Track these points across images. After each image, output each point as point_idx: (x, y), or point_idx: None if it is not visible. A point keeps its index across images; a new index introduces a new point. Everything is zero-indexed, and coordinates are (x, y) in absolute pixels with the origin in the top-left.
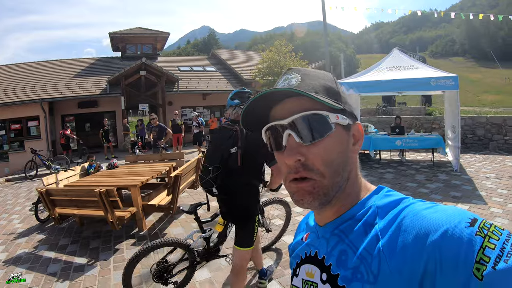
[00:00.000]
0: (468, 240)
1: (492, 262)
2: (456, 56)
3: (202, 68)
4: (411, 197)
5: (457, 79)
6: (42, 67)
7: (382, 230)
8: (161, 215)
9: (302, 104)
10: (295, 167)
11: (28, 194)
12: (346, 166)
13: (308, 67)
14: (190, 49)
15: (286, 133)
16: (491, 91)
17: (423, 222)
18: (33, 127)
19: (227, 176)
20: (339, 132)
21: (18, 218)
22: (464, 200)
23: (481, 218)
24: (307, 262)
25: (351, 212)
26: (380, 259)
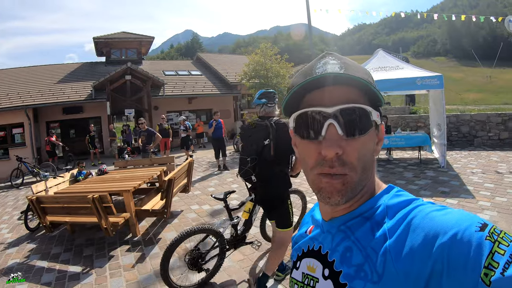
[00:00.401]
0: (477, 244)
1: (501, 268)
2: (438, 56)
3: (187, 72)
4: (421, 199)
5: (441, 78)
6: (26, 73)
7: (390, 230)
8: (154, 220)
9: (347, 94)
10: (331, 161)
11: (16, 203)
12: (372, 165)
13: (293, 70)
14: (173, 53)
15: (328, 123)
16: (473, 89)
17: (433, 224)
18: (18, 134)
19: (262, 166)
20: (373, 130)
21: (6, 228)
22: (453, 195)
23: (491, 223)
24: (309, 256)
25: (360, 209)
26: (386, 259)
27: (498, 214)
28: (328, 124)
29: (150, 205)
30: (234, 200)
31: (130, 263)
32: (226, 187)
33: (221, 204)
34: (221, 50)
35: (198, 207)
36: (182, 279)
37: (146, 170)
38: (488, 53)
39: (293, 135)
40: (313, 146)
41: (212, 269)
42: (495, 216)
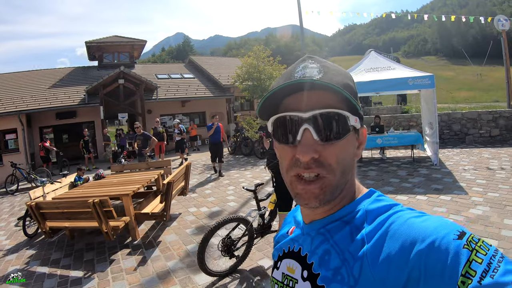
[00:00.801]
0: (455, 252)
1: (478, 277)
2: (429, 55)
3: (180, 75)
4: (401, 204)
5: (433, 78)
6: (18, 78)
7: (368, 235)
8: (152, 223)
9: (324, 99)
10: (307, 163)
11: (11, 209)
12: (351, 169)
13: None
14: (165, 57)
15: (303, 128)
16: (464, 87)
17: (411, 231)
18: (11, 140)
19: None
20: (352, 134)
21: (4, 235)
22: (446, 192)
23: (470, 232)
24: (289, 257)
25: (340, 213)
26: (363, 264)
27: (491, 209)
28: (304, 129)
29: (149, 209)
30: (232, 202)
31: (132, 266)
32: (223, 189)
33: (219, 206)
34: (213, 53)
35: (196, 210)
36: (214, 266)
37: (143, 174)
38: (478, 51)
39: (273, 137)
40: (290, 150)
41: (241, 255)
42: (488, 211)
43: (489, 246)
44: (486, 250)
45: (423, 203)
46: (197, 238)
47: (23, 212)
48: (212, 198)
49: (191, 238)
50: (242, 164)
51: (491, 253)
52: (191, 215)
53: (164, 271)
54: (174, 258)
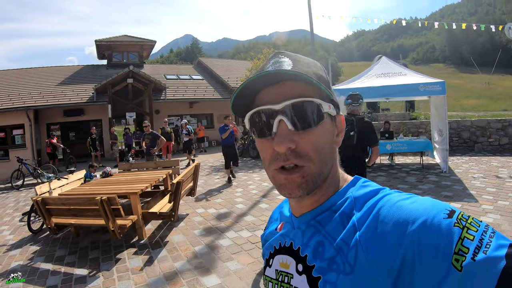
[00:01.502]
0: (446, 231)
1: (471, 253)
2: (437, 62)
3: (188, 76)
4: (387, 188)
5: (444, 85)
6: (27, 74)
7: (359, 221)
8: (159, 223)
9: (295, 89)
10: (285, 155)
11: (16, 205)
12: (332, 157)
13: None
14: (173, 58)
15: (278, 119)
16: (472, 96)
17: (401, 213)
18: (18, 136)
19: (346, 151)
20: (328, 121)
21: (8, 230)
22: (456, 199)
23: (459, 210)
24: (281, 252)
25: (328, 203)
26: (357, 250)
27: (502, 217)
28: (278, 120)
29: (157, 208)
30: (240, 204)
31: (138, 266)
32: (231, 191)
33: (227, 208)
34: (221, 55)
35: (203, 211)
36: None
37: (151, 173)
38: (486, 59)
39: (252, 134)
40: (268, 144)
41: None
42: (499, 219)
43: (479, 222)
44: (477, 226)
45: None
46: (205, 239)
47: (28, 208)
48: (220, 200)
49: (199, 239)
50: (250, 167)
51: (482, 229)
52: (199, 216)
53: (171, 272)
54: (182, 259)
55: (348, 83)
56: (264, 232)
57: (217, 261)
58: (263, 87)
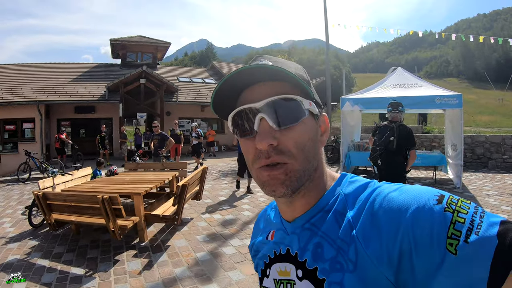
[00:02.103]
0: (438, 217)
1: (464, 236)
2: (451, 77)
3: (201, 79)
4: (375, 180)
5: (461, 98)
6: (41, 69)
7: (354, 217)
8: (162, 226)
9: (275, 88)
10: (267, 152)
11: (20, 197)
12: (316, 155)
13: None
14: (187, 61)
15: (259, 117)
16: (485, 111)
17: (392, 205)
18: (28, 129)
19: (387, 155)
20: (310, 119)
21: (9, 222)
22: None
23: (448, 193)
24: (278, 261)
25: (319, 204)
26: (357, 246)
27: None
28: (260, 118)
29: (161, 211)
30: (247, 211)
31: (137, 269)
32: (238, 196)
33: (233, 214)
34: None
35: (208, 216)
36: None
37: (157, 174)
38: (500, 75)
39: (235, 135)
40: (251, 143)
41: None
42: None
43: (468, 204)
44: (466, 208)
45: None
46: (208, 245)
47: (31, 201)
48: (227, 206)
49: (201, 246)
50: None
51: (471, 211)
52: (203, 221)
53: (170, 278)
54: (182, 265)
55: (363, 93)
56: (252, 243)
57: (219, 270)
58: (244, 87)
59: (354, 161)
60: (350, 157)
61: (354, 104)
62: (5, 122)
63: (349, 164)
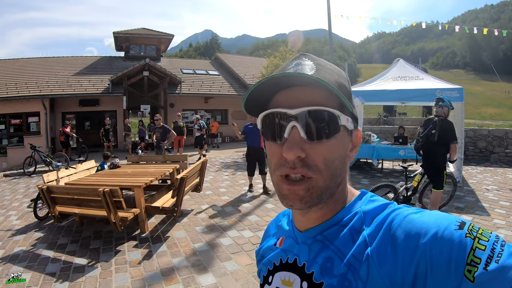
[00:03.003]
0: (458, 242)
1: (484, 263)
2: (457, 68)
3: (205, 71)
4: (395, 202)
5: (462, 91)
6: (45, 63)
7: (370, 236)
8: (163, 217)
9: (314, 96)
10: (293, 163)
11: (26, 191)
12: (342, 172)
13: None
14: (192, 52)
15: (291, 125)
16: (491, 104)
17: (412, 226)
18: (33, 123)
19: (428, 146)
20: (343, 135)
21: (15, 215)
22: (468, 211)
23: (469, 221)
24: (283, 269)
25: (336, 218)
26: (369, 265)
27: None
28: (291, 126)
29: (161, 202)
30: (247, 203)
31: (137, 259)
32: (238, 189)
33: (232, 205)
34: (240, 52)
35: (208, 207)
36: None
37: (159, 166)
38: (507, 68)
39: (263, 135)
40: (277, 148)
41: None
42: (510, 236)
43: (489, 233)
44: (488, 237)
45: None
46: (207, 236)
47: (36, 194)
48: (226, 197)
49: (200, 236)
50: None
51: (493, 239)
52: (203, 212)
53: (168, 268)
54: (180, 255)
55: (364, 85)
56: (259, 247)
57: (215, 260)
58: (281, 89)
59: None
60: None
61: (354, 96)
62: (10, 117)
63: None
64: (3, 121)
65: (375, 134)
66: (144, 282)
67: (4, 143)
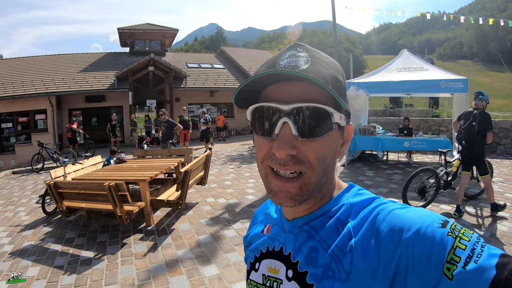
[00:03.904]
0: (440, 240)
1: (463, 262)
2: (464, 59)
3: (210, 65)
4: (382, 197)
5: (466, 82)
6: (50, 61)
7: (355, 228)
8: (168, 210)
9: (308, 92)
10: (283, 160)
11: (35, 187)
12: (333, 167)
13: None
14: (197, 46)
15: (282, 121)
16: (499, 95)
17: (396, 221)
18: (40, 120)
19: (469, 137)
20: (336, 132)
21: (24, 211)
22: (472, 203)
23: (452, 220)
24: (270, 257)
25: (323, 209)
26: (353, 257)
27: None
28: (282, 122)
29: (166, 196)
30: (251, 195)
31: (142, 251)
32: (243, 181)
33: (237, 198)
34: (245, 45)
35: (213, 200)
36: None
37: (164, 160)
38: None
39: (251, 128)
40: (266, 142)
41: (429, 199)
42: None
43: (471, 234)
44: (469, 237)
45: (448, 212)
46: (211, 229)
47: (44, 190)
48: (231, 190)
49: (204, 229)
50: None
51: (474, 240)
52: (208, 205)
53: (172, 259)
54: (185, 247)
55: (368, 77)
56: (247, 234)
57: (218, 252)
58: (273, 81)
59: (359, 145)
60: (355, 141)
61: (358, 88)
62: (18, 115)
63: (354, 148)
64: (11, 119)
65: (380, 126)
66: (149, 274)
67: (12, 141)
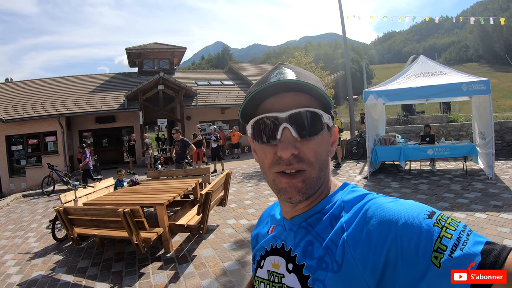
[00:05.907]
0: (426, 230)
1: (449, 250)
2: (470, 62)
3: (219, 82)
4: (374, 193)
5: (488, 83)
6: (59, 83)
7: (347, 222)
8: (187, 234)
9: (299, 100)
10: (288, 160)
11: (45, 211)
12: (327, 164)
13: (329, 77)
14: (204, 65)
15: (282, 126)
16: (508, 95)
17: (385, 213)
18: (51, 143)
19: None
20: (326, 132)
21: (34, 236)
22: (507, 210)
23: (439, 211)
24: (273, 253)
25: (319, 206)
26: (344, 249)
27: None
28: (283, 127)
29: (185, 220)
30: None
31: (163, 282)
32: (264, 200)
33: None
34: (252, 61)
35: (235, 222)
36: None
37: (180, 181)
38: None
39: (252, 141)
40: (270, 149)
41: None
42: None
43: (458, 223)
44: (455, 226)
45: (484, 222)
46: (236, 254)
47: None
48: (253, 210)
49: (229, 254)
50: None
51: (460, 229)
52: (230, 227)
53: None
54: (210, 276)
55: (385, 85)
56: (255, 234)
57: (247, 280)
58: (268, 96)
59: (381, 156)
60: (377, 152)
61: (378, 96)
62: (28, 137)
63: (376, 159)
64: (21, 141)
65: (399, 135)
66: None
67: (22, 163)
